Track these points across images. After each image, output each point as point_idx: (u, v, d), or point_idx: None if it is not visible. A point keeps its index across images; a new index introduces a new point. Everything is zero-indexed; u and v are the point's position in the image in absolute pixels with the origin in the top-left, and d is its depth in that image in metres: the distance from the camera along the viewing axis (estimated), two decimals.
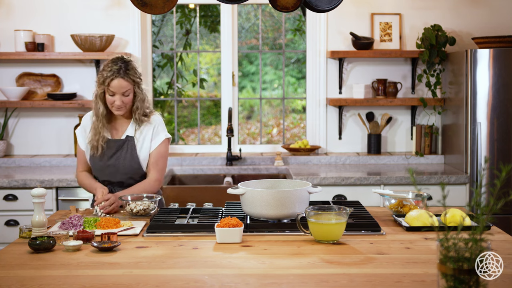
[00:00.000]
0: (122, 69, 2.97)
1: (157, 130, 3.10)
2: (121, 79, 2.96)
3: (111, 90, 2.97)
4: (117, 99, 2.98)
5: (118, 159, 3.06)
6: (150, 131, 3.09)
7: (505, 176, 1.45)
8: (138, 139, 3.08)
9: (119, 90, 2.97)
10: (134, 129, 3.09)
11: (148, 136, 3.09)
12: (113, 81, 2.95)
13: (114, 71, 2.96)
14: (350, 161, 4.73)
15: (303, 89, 5.41)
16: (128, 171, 3.07)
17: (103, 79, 2.97)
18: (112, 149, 3.07)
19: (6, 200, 4.06)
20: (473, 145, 4.21)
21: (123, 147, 3.07)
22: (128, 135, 3.09)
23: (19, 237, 2.44)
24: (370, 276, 1.93)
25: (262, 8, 5.26)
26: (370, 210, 2.87)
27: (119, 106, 2.99)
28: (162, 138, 3.10)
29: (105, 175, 3.09)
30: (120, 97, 2.98)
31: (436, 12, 4.74)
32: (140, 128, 3.09)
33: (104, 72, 2.98)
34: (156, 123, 3.11)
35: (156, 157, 3.08)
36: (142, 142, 3.08)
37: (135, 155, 3.07)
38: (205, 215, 2.69)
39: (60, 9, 4.67)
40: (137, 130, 3.09)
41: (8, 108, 4.66)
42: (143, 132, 3.09)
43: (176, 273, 1.98)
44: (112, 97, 2.99)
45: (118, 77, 2.96)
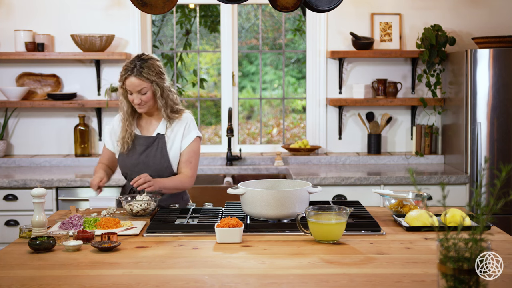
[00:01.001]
0: (136, 67, 2.95)
1: (189, 129, 3.08)
2: (133, 78, 2.95)
3: (127, 88, 2.98)
4: (134, 97, 2.97)
5: (148, 156, 3.03)
6: (181, 129, 3.07)
7: (505, 176, 1.45)
8: (169, 137, 3.07)
9: (133, 88, 2.96)
10: (165, 127, 3.08)
11: (179, 134, 3.07)
12: (126, 79, 2.96)
13: (128, 70, 2.96)
14: (350, 161, 4.73)
15: (303, 89, 5.41)
16: (158, 168, 3.03)
17: (120, 77, 3.00)
18: (142, 146, 3.05)
19: (6, 200, 4.06)
20: (473, 145, 4.21)
21: (153, 144, 3.05)
22: (159, 132, 3.07)
23: (19, 237, 2.44)
24: (370, 276, 1.93)
25: (262, 8, 5.26)
26: (370, 210, 2.87)
27: (138, 104, 2.99)
28: (193, 136, 3.08)
29: (134, 173, 3.03)
30: (137, 95, 2.97)
31: (436, 12, 4.74)
32: (171, 126, 3.08)
33: (122, 71, 2.99)
34: (188, 121, 3.09)
35: (188, 155, 3.06)
36: (173, 140, 3.06)
37: (165, 153, 3.04)
38: (205, 215, 2.69)
39: (60, 9, 4.67)
40: (168, 128, 3.08)
41: (8, 108, 4.66)
42: (174, 130, 3.07)
43: (176, 273, 1.98)
44: (130, 95, 2.99)
45: (131, 76, 2.95)
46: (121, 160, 3.10)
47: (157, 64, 3.01)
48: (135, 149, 3.05)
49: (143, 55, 3.01)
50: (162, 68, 3.04)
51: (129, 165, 3.06)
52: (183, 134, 3.07)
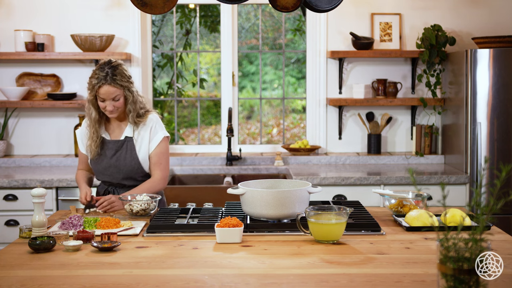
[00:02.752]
0: (109, 75, 2.96)
1: (155, 130, 3.11)
2: (109, 86, 2.96)
3: (101, 96, 2.98)
4: (107, 104, 3.00)
5: (118, 160, 3.08)
6: (148, 131, 3.10)
7: (505, 176, 1.45)
8: (136, 140, 3.10)
9: (108, 96, 2.98)
10: (132, 130, 3.11)
11: (146, 137, 3.10)
12: (101, 88, 2.96)
13: (101, 78, 2.96)
14: (350, 161, 4.73)
15: (303, 89, 5.41)
16: (129, 170, 3.08)
17: (92, 86, 2.99)
18: (112, 150, 3.09)
19: (6, 200, 4.06)
20: (473, 145, 4.21)
21: (122, 147, 3.09)
22: (127, 135, 3.11)
23: (19, 237, 2.44)
24: (370, 276, 1.93)
25: (262, 8, 5.26)
26: (370, 210, 2.87)
27: (111, 111, 3.02)
28: (160, 137, 3.10)
29: (107, 176, 3.12)
30: (110, 102, 3.00)
31: (436, 12, 4.74)
32: (137, 129, 3.11)
33: (93, 79, 2.98)
34: (153, 123, 3.11)
35: (157, 156, 3.10)
36: (141, 143, 3.10)
37: (135, 155, 3.08)
38: (205, 215, 2.69)
39: (60, 9, 4.66)
40: (135, 130, 3.11)
41: (8, 108, 4.66)
42: (141, 133, 3.11)
43: (176, 273, 1.98)
44: (103, 102, 3.01)
45: (105, 84, 2.96)
46: (93, 164, 3.14)
47: (126, 70, 3.05)
48: (105, 153, 3.10)
49: (111, 61, 3.02)
50: (129, 73, 3.09)
51: (101, 169, 3.10)
52: (150, 135, 3.10)
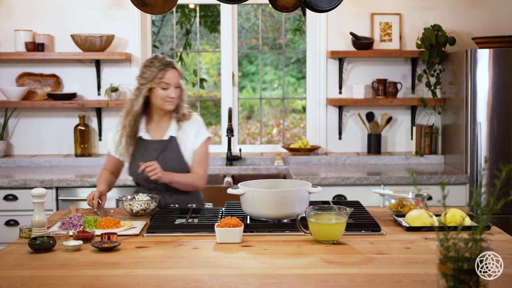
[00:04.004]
0: (170, 62, 2.99)
1: (199, 129, 3.11)
2: (175, 70, 2.99)
3: (166, 82, 2.96)
4: (171, 91, 2.98)
5: (164, 160, 3.01)
6: (193, 129, 3.09)
7: (505, 176, 1.45)
8: (181, 139, 3.07)
9: (173, 80, 2.97)
10: (176, 129, 3.08)
11: (191, 135, 3.08)
12: (167, 72, 2.96)
13: (165, 64, 2.97)
14: (350, 161, 4.72)
15: (303, 89, 5.41)
16: (175, 171, 3.01)
17: (153, 75, 2.95)
18: (157, 151, 3.02)
19: (6, 200, 4.06)
20: (473, 145, 4.21)
21: (167, 147, 3.04)
22: (171, 135, 3.06)
23: (19, 237, 2.44)
24: (370, 276, 1.93)
25: (262, 8, 5.26)
26: (370, 210, 2.87)
27: (173, 98, 2.98)
28: (205, 137, 3.10)
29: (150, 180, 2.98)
30: (174, 90, 2.99)
31: (436, 12, 4.74)
32: (181, 127, 3.08)
33: (153, 68, 2.96)
34: (198, 122, 3.13)
35: (200, 156, 3.08)
36: (186, 141, 3.07)
37: (180, 155, 3.04)
38: (205, 215, 2.69)
39: (60, 9, 4.66)
40: (179, 129, 3.08)
41: (8, 108, 4.66)
42: (186, 132, 3.08)
43: (176, 273, 1.98)
44: (165, 91, 2.97)
45: (172, 68, 2.98)
46: (134, 168, 3.04)
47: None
48: (149, 154, 3.02)
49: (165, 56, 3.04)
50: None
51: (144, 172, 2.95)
52: (195, 135, 3.08)
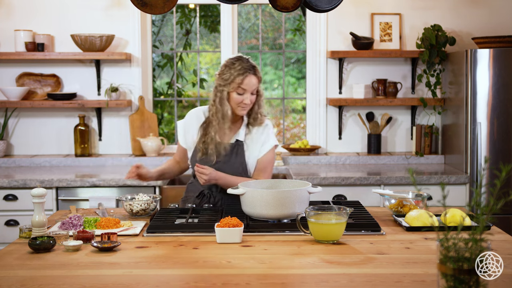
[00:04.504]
0: (251, 67, 2.90)
1: (268, 136, 3.02)
2: (254, 77, 2.89)
3: (243, 87, 2.88)
4: (246, 97, 2.89)
5: (225, 163, 2.94)
6: (262, 135, 3.01)
7: (505, 176, 1.45)
8: (248, 144, 2.99)
9: (250, 87, 2.88)
10: (244, 133, 3.01)
11: (259, 140, 3.00)
12: (246, 78, 2.87)
13: (247, 68, 2.88)
14: (350, 161, 4.72)
15: (303, 89, 5.41)
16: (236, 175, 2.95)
17: (232, 78, 2.88)
18: (221, 153, 2.96)
19: (6, 200, 4.06)
20: (473, 145, 4.21)
21: (232, 152, 2.97)
22: (238, 139, 2.99)
23: (19, 237, 2.44)
24: (370, 276, 1.93)
25: (262, 8, 5.26)
26: (370, 210, 2.87)
27: (246, 105, 2.90)
28: (272, 144, 3.01)
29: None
30: (249, 96, 2.90)
31: (436, 12, 4.74)
32: (250, 132, 3.01)
33: (233, 71, 2.88)
34: (268, 129, 3.03)
35: (263, 164, 3.01)
36: (253, 147, 2.99)
37: (243, 161, 2.97)
38: (205, 215, 2.69)
39: (60, 9, 4.66)
40: (247, 134, 3.01)
41: (8, 108, 4.66)
42: (254, 137, 3.01)
43: (176, 273, 1.98)
44: (240, 96, 2.89)
45: (251, 74, 2.88)
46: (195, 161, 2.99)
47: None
48: (213, 155, 2.97)
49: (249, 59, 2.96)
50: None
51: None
52: (262, 140, 3.01)
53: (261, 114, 3.01)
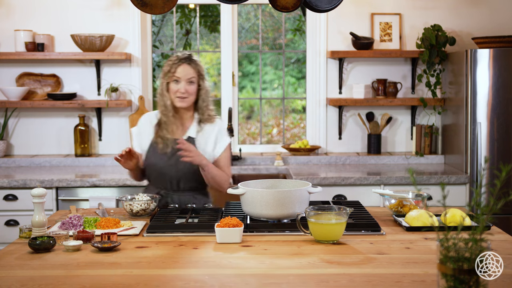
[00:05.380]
0: (188, 58, 3.04)
1: (221, 134, 3.09)
2: (187, 65, 3.01)
3: (177, 76, 2.99)
4: (181, 86, 2.99)
5: (178, 160, 2.97)
6: (214, 133, 3.08)
7: (505, 176, 1.45)
8: (199, 141, 3.05)
9: (184, 75, 3.00)
10: (196, 130, 3.07)
11: (211, 138, 3.07)
12: (179, 66, 3.00)
13: (180, 58, 3.02)
14: (350, 161, 4.73)
15: (303, 89, 5.41)
16: (187, 171, 3.00)
17: (169, 68, 3.02)
18: (174, 149, 3.01)
19: (6, 200, 4.06)
20: (473, 145, 4.21)
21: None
22: (190, 136, 3.06)
23: (19, 237, 2.44)
24: (370, 276, 1.93)
25: (262, 8, 5.26)
26: (370, 210, 2.87)
27: (182, 93, 2.99)
28: (227, 142, 3.10)
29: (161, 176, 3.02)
30: (184, 85, 3.00)
31: (436, 12, 4.74)
32: (202, 129, 3.07)
33: (169, 62, 3.03)
34: (220, 126, 3.11)
35: (224, 161, 3.08)
36: (205, 144, 3.06)
37: None
38: (205, 215, 2.69)
39: (60, 9, 4.67)
40: (199, 131, 3.07)
41: (8, 108, 4.66)
42: (205, 134, 3.07)
43: (176, 273, 1.98)
44: (176, 85, 3.01)
45: (184, 63, 3.01)
46: (148, 162, 3.06)
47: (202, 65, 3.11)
48: (165, 151, 3.03)
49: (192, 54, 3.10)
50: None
51: (158, 167, 3.03)
52: (215, 139, 3.07)
53: (208, 109, 3.10)
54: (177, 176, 3.02)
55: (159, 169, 3.03)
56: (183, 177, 3.02)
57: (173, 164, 3.01)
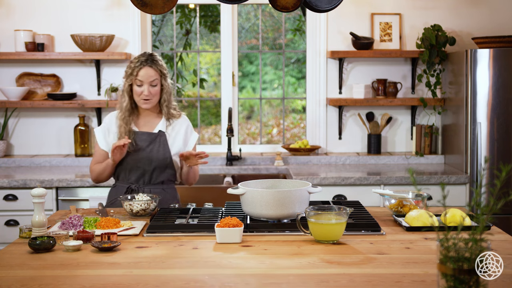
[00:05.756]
0: (149, 59, 3.07)
1: (191, 130, 3.24)
2: (149, 68, 3.05)
3: (139, 79, 3.04)
4: (145, 89, 3.05)
5: (151, 152, 3.10)
6: (183, 128, 3.20)
7: (505, 176, 1.45)
8: (170, 134, 3.16)
9: (147, 78, 3.04)
10: (165, 125, 3.17)
11: (180, 133, 3.18)
12: (141, 70, 3.04)
13: (142, 61, 3.06)
14: (350, 161, 4.72)
15: (303, 89, 5.41)
16: (161, 164, 3.11)
17: (131, 71, 3.06)
18: (146, 142, 3.11)
19: (6, 200, 4.06)
20: (473, 145, 4.21)
21: (155, 140, 3.12)
22: (160, 129, 3.15)
23: (19, 237, 2.44)
24: (370, 276, 1.93)
25: (262, 8, 5.26)
26: (370, 210, 2.87)
27: (146, 96, 3.06)
28: (196, 137, 3.25)
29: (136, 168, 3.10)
30: (147, 87, 3.05)
31: (436, 12, 4.74)
32: (171, 124, 3.18)
33: (132, 64, 3.07)
34: (188, 123, 3.24)
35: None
36: (174, 138, 3.17)
37: (167, 149, 3.13)
38: (205, 215, 2.69)
39: (60, 9, 4.66)
40: (168, 126, 3.17)
41: (8, 108, 4.66)
42: (175, 129, 3.18)
43: (176, 273, 1.98)
44: (140, 87, 3.06)
45: (146, 66, 3.05)
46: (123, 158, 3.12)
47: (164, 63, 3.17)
48: (137, 145, 3.11)
49: (152, 53, 3.14)
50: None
51: (131, 161, 3.10)
52: (185, 133, 3.19)
53: (171, 106, 3.18)
54: (151, 170, 3.11)
55: (133, 162, 3.10)
56: (157, 171, 3.11)
57: (148, 158, 3.09)
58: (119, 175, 3.17)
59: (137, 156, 3.10)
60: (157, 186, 3.13)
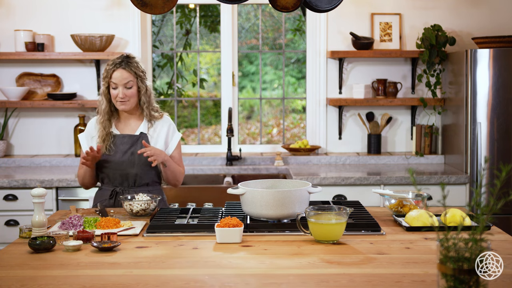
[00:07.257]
0: (124, 61, 3.07)
1: (173, 130, 3.20)
2: (122, 70, 3.04)
3: (114, 82, 3.04)
4: (119, 91, 3.04)
5: (133, 154, 3.08)
6: (165, 129, 3.17)
7: (505, 176, 1.45)
8: (152, 136, 3.14)
9: (120, 81, 3.03)
10: (147, 127, 3.15)
11: (162, 134, 3.16)
12: (114, 72, 3.04)
13: (116, 63, 3.06)
14: (350, 161, 4.73)
15: (303, 89, 5.41)
16: (144, 166, 3.08)
17: (106, 73, 3.06)
18: (127, 145, 3.10)
19: (6, 200, 4.06)
20: (473, 145, 4.21)
21: (137, 142, 3.11)
22: (142, 131, 3.14)
23: (19, 237, 2.44)
24: (370, 276, 1.93)
25: (262, 8, 5.26)
26: (370, 210, 2.87)
27: (122, 98, 3.05)
28: (179, 137, 3.21)
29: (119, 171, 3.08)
30: (122, 89, 3.04)
31: (436, 12, 4.74)
32: (153, 125, 3.16)
33: (107, 67, 3.08)
34: (170, 123, 3.21)
35: (178, 156, 3.20)
36: (156, 139, 3.14)
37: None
38: (205, 215, 2.69)
39: (60, 9, 4.67)
40: (150, 127, 3.15)
41: (8, 108, 4.66)
42: (157, 130, 3.16)
43: (176, 273, 1.98)
44: (115, 90, 3.05)
45: (119, 68, 3.04)
46: (103, 161, 3.10)
47: (140, 64, 3.15)
48: (119, 148, 3.10)
49: (127, 54, 3.14)
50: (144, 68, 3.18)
51: (114, 164, 3.09)
52: (167, 134, 3.17)
53: (151, 107, 3.16)
54: (134, 172, 3.09)
55: (115, 165, 3.08)
56: (140, 172, 3.09)
57: (131, 160, 3.08)
58: (104, 179, 3.16)
59: (119, 159, 3.08)
60: (142, 188, 3.10)
